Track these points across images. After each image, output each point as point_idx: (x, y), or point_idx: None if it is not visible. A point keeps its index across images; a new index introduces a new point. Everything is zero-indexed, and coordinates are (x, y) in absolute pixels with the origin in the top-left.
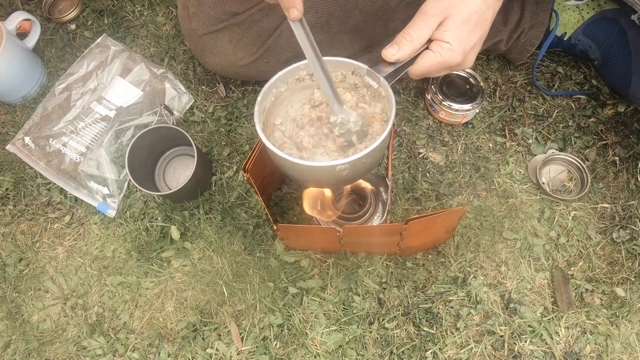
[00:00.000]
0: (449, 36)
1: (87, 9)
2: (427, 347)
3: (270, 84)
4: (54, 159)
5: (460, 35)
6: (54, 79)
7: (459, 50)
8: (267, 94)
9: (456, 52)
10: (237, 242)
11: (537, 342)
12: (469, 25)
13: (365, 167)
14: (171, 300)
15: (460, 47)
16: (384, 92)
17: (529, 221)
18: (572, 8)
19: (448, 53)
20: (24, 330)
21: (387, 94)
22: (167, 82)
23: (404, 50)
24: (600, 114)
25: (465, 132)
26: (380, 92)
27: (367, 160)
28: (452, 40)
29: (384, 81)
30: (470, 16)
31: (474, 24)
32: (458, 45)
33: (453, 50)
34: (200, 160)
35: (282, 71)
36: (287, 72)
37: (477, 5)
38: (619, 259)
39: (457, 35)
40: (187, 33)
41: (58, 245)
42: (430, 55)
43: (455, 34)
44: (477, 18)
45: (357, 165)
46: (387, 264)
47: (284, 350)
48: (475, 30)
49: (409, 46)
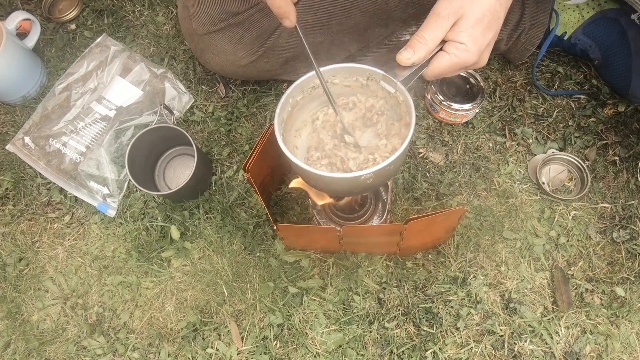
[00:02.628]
0: (463, 37)
1: (87, 9)
2: (427, 347)
3: (287, 94)
4: (53, 158)
5: (474, 35)
6: (54, 78)
7: (474, 50)
8: (285, 105)
9: (471, 52)
10: (237, 242)
11: (537, 341)
12: (483, 24)
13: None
14: (171, 300)
15: (475, 47)
16: (401, 97)
17: (529, 221)
18: (572, 8)
19: (463, 54)
20: (24, 330)
21: (405, 98)
22: (167, 81)
23: (419, 53)
24: (600, 113)
25: (465, 131)
26: (397, 97)
27: (390, 167)
28: (467, 41)
29: (401, 86)
30: (483, 16)
31: (487, 23)
32: (473, 46)
33: (468, 50)
34: (200, 160)
35: (298, 80)
36: (303, 81)
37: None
38: (619, 259)
39: (471, 35)
40: (187, 33)
41: (58, 245)
42: (445, 57)
43: (470, 35)
44: (491, 17)
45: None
46: (387, 263)
47: (284, 350)
48: (489, 29)
49: (423, 49)
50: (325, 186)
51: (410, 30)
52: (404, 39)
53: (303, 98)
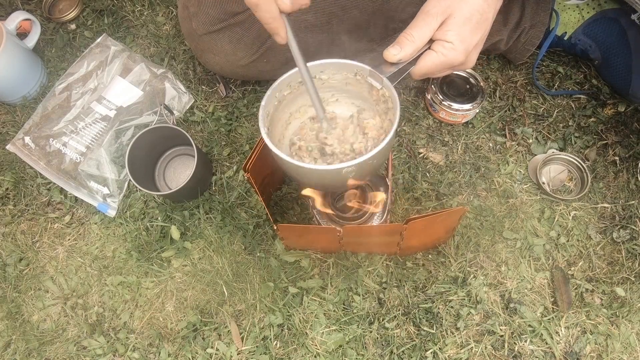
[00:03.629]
0: (451, 36)
1: (87, 9)
2: (427, 347)
3: (273, 88)
4: (54, 158)
5: (462, 34)
6: (54, 78)
7: (461, 49)
8: (271, 98)
9: (459, 52)
10: (237, 242)
11: (537, 341)
12: (471, 24)
13: (371, 168)
14: (171, 300)
15: (462, 46)
16: (387, 93)
17: (529, 221)
18: (573, 8)
19: (451, 53)
20: (24, 330)
21: (390, 94)
22: (167, 82)
23: (406, 50)
24: (601, 113)
25: (465, 131)
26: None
27: (373, 161)
28: (454, 39)
29: (387, 82)
30: (472, 15)
31: (475, 23)
32: (460, 45)
33: (455, 49)
34: (201, 160)
35: (285, 74)
36: (290, 75)
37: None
38: (619, 259)
39: (459, 34)
40: (187, 33)
41: (58, 245)
42: (432, 55)
43: (458, 34)
44: (479, 17)
45: (364, 167)
46: (387, 263)
47: (284, 350)
48: (477, 29)
49: (410, 46)
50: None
51: None
52: None
53: (291, 93)
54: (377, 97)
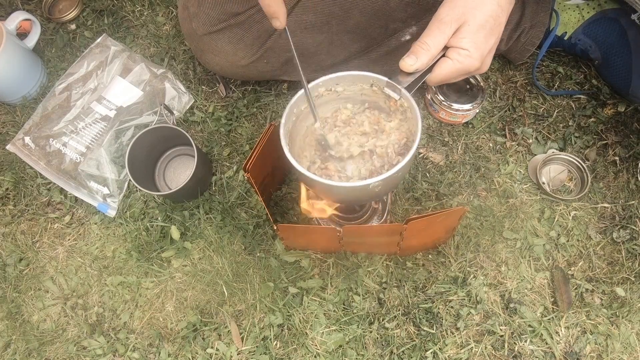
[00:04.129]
0: (466, 43)
1: (87, 9)
2: (427, 347)
3: (291, 104)
4: (54, 158)
5: (477, 41)
6: (54, 78)
7: (476, 56)
8: (289, 115)
9: (474, 58)
10: (237, 242)
11: (537, 342)
12: (485, 30)
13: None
14: (171, 300)
15: (478, 52)
16: (406, 103)
17: (529, 221)
18: (573, 7)
19: (467, 60)
20: (24, 330)
21: (409, 104)
22: (167, 82)
23: (422, 59)
24: (601, 113)
25: (466, 132)
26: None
27: (398, 174)
28: (469, 47)
29: (406, 92)
30: (486, 21)
31: (489, 28)
32: (476, 52)
33: (471, 56)
34: (201, 160)
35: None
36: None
37: (492, 10)
38: (619, 259)
39: (474, 41)
40: (187, 33)
41: (58, 245)
42: (448, 63)
43: (473, 40)
44: (493, 22)
45: (389, 181)
46: (387, 263)
47: (284, 350)
48: (492, 34)
49: (426, 55)
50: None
51: (410, 30)
52: (404, 39)
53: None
54: (395, 108)
